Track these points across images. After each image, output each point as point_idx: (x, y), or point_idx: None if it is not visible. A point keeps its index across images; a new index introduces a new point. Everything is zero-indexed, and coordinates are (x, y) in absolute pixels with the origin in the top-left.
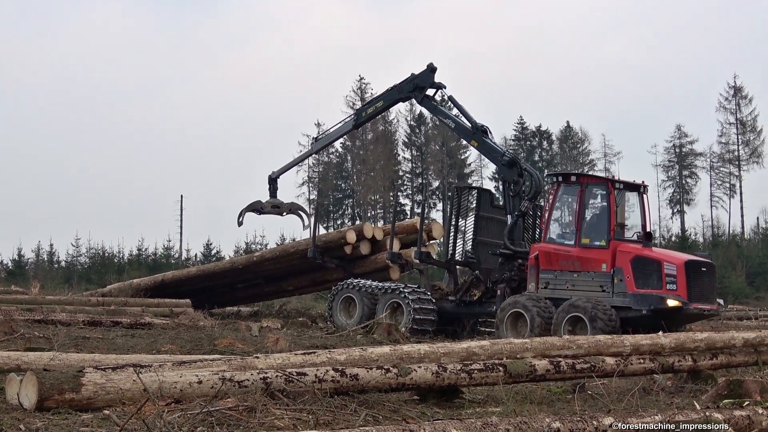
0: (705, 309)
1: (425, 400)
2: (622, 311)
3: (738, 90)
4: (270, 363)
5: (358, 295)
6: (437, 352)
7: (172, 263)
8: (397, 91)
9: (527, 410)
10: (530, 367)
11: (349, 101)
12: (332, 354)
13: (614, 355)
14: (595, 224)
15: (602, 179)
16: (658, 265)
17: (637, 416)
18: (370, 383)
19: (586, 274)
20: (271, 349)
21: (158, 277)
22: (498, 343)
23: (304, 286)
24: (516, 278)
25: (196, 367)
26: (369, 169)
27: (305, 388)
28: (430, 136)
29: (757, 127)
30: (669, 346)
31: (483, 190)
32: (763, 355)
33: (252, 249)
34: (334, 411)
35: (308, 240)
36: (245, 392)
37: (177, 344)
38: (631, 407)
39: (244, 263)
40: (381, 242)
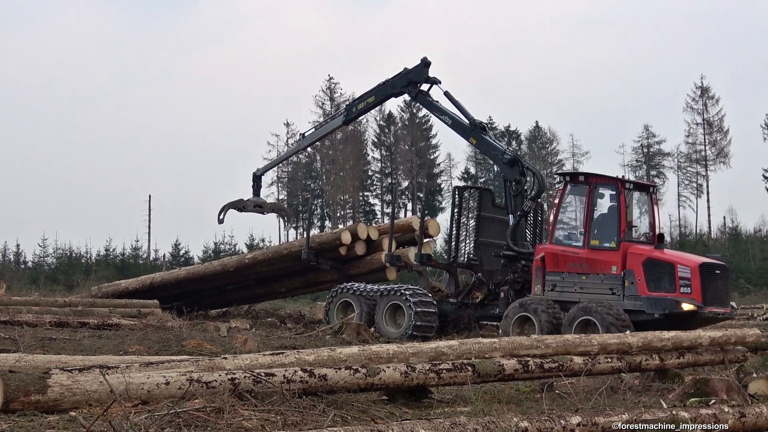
0: (719, 312)
1: (394, 400)
2: (634, 315)
3: (705, 91)
4: (238, 364)
5: (356, 299)
6: (406, 352)
7: (140, 264)
8: (389, 86)
9: (495, 410)
10: (499, 367)
11: (318, 101)
12: (301, 354)
13: (582, 354)
14: (605, 225)
15: (612, 179)
16: (671, 267)
17: (605, 415)
18: (339, 383)
19: (595, 277)
20: (239, 349)
21: (146, 280)
22: (466, 343)
23: (297, 287)
24: (519, 280)
25: (164, 368)
26: (338, 169)
27: (273, 388)
28: (400, 136)
29: (723, 127)
30: (636, 345)
31: (484, 189)
32: (729, 354)
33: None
34: (303, 411)
35: (302, 241)
36: (213, 393)
37: (145, 345)
38: (598, 406)
39: (235, 265)
40: (376, 242)
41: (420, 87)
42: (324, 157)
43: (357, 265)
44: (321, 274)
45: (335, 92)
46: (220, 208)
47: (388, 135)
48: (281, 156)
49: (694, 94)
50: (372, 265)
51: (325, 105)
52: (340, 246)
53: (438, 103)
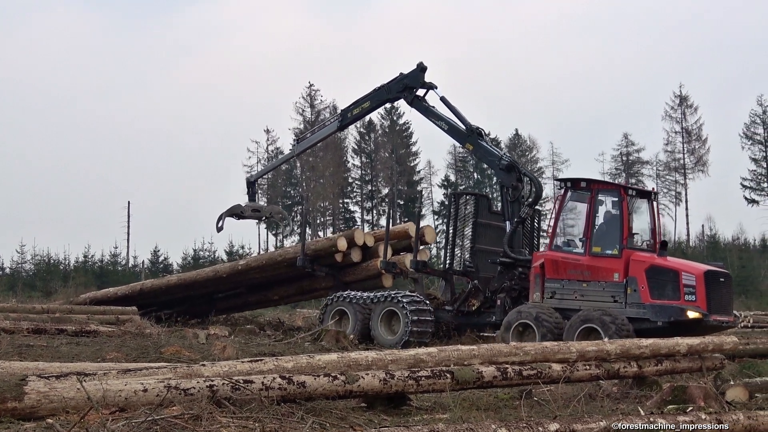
0: (724, 321)
1: (373, 407)
2: (637, 323)
3: (684, 99)
4: (216, 371)
5: (351, 308)
6: (385, 360)
7: (118, 270)
8: (385, 92)
9: (474, 417)
10: (477, 374)
11: (299, 108)
12: (279, 361)
13: (561, 361)
14: (607, 232)
15: (614, 185)
16: (675, 275)
17: (583, 422)
18: (318, 390)
19: (597, 284)
20: (218, 356)
21: (136, 286)
22: (446, 350)
23: (290, 295)
24: (516, 287)
25: (142, 375)
26: (318, 176)
27: (252, 395)
28: (380, 143)
29: (702, 135)
30: (614, 352)
31: (480, 195)
32: (706, 362)
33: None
34: (281, 419)
35: (296, 248)
36: (191, 400)
37: (123, 352)
38: (576, 413)
39: (228, 271)
40: (372, 249)
41: (416, 92)
42: (304, 164)
43: (352, 272)
44: (315, 281)
45: (315, 99)
46: (218, 217)
47: (369, 142)
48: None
49: (673, 102)
50: (368, 272)
51: (306, 112)
52: (335, 252)
53: (434, 108)
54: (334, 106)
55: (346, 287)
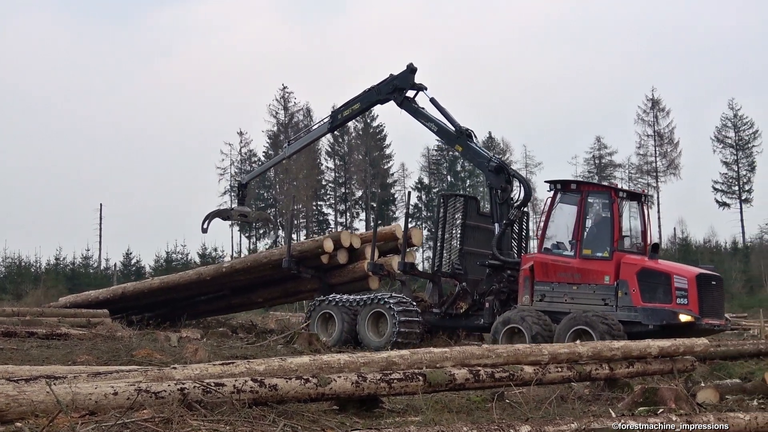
0: (715, 324)
1: (345, 409)
2: (628, 326)
3: (656, 103)
4: (188, 374)
5: (338, 311)
6: (357, 362)
7: (90, 273)
8: (375, 93)
9: (446, 419)
10: (450, 377)
11: (272, 110)
12: (251, 364)
13: (533, 363)
14: (597, 234)
15: (605, 187)
16: (666, 278)
17: (554, 424)
18: (290, 393)
19: (587, 287)
20: (189, 359)
21: (118, 289)
22: (418, 353)
23: (275, 297)
24: (505, 290)
25: (112, 378)
26: (292, 179)
27: (223, 398)
28: (353, 145)
29: (674, 139)
30: (586, 354)
31: (469, 197)
32: (678, 364)
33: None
34: (252, 422)
35: (282, 249)
36: (162, 403)
37: (94, 355)
38: (548, 415)
39: (212, 274)
40: (358, 251)
41: (405, 93)
42: (277, 167)
43: (339, 274)
44: (301, 283)
45: (289, 102)
46: (204, 217)
47: (342, 144)
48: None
49: (645, 106)
50: (354, 274)
51: (279, 114)
52: (322, 254)
53: (424, 109)
54: (307, 109)
55: (331, 289)
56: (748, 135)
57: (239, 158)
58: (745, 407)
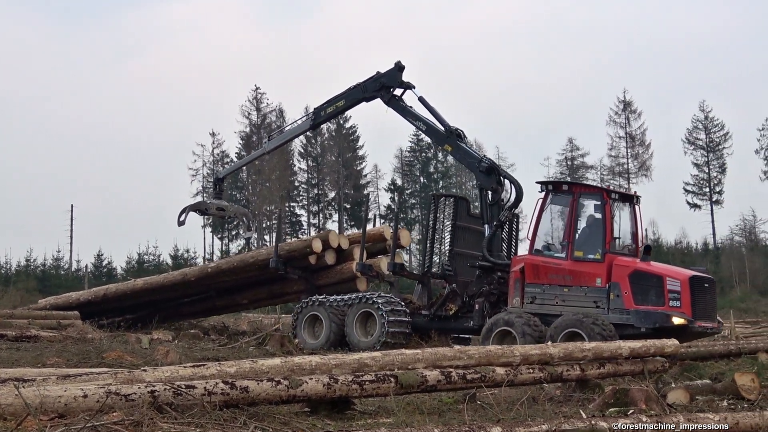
0: (708, 327)
1: (316, 411)
2: (620, 328)
3: (627, 104)
4: (158, 376)
5: (325, 312)
6: (329, 364)
7: (61, 275)
8: (360, 90)
9: (417, 421)
10: (421, 378)
11: (245, 111)
12: (222, 366)
13: (504, 365)
14: (589, 236)
15: (597, 189)
16: (659, 280)
17: (525, 425)
18: (261, 395)
19: (578, 289)
20: (160, 361)
21: (99, 291)
22: (390, 354)
23: (260, 299)
24: (495, 292)
25: (82, 380)
26: (264, 180)
27: (194, 401)
28: (326, 146)
29: (645, 141)
30: (558, 355)
31: (460, 198)
32: (648, 364)
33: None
34: (223, 424)
35: (269, 249)
36: (132, 406)
37: (64, 357)
38: (519, 416)
39: (197, 275)
40: (346, 251)
41: (393, 92)
42: (250, 167)
43: (326, 275)
44: (287, 284)
45: (262, 102)
46: (181, 210)
47: (315, 146)
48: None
49: (617, 107)
50: (342, 274)
51: (252, 115)
52: (310, 254)
53: (412, 108)
54: (280, 110)
55: (318, 291)
56: (719, 137)
57: (211, 159)
58: (715, 408)
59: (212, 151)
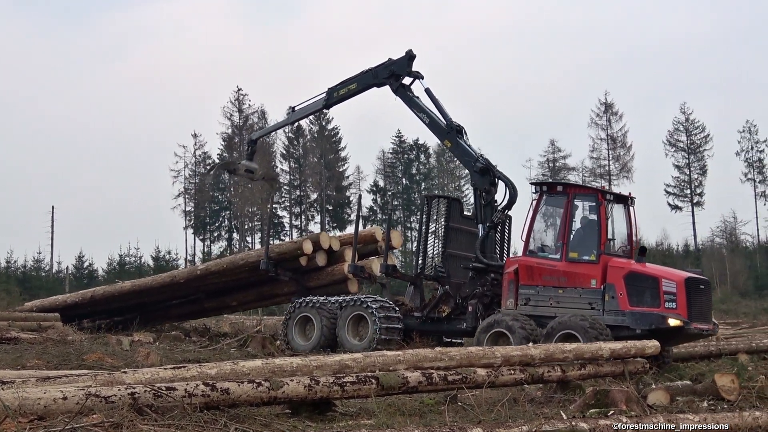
0: (704, 329)
1: (298, 413)
2: (615, 330)
3: (609, 107)
4: (138, 378)
5: (316, 314)
6: (310, 366)
7: (42, 276)
8: (372, 76)
9: (398, 422)
10: (402, 380)
11: (227, 112)
12: (203, 368)
13: (485, 366)
14: (584, 237)
15: (592, 190)
16: (654, 281)
17: (506, 426)
18: (242, 397)
19: (573, 290)
20: (141, 363)
21: (87, 293)
22: (371, 356)
23: (250, 300)
24: (489, 294)
25: (62, 382)
26: (246, 181)
27: (174, 402)
28: (309, 148)
29: (627, 142)
30: (539, 357)
31: (453, 199)
32: (629, 366)
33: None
34: (204, 426)
35: (259, 251)
36: (112, 408)
37: (44, 359)
38: (500, 417)
39: (186, 277)
40: (337, 253)
41: (402, 80)
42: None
43: (317, 277)
44: (277, 286)
45: (244, 104)
46: (212, 166)
47: (297, 147)
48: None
49: (599, 110)
50: (333, 276)
51: (234, 117)
52: (301, 256)
53: (418, 99)
54: (262, 111)
55: (308, 292)
56: (700, 139)
57: (193, 160)
58: (695, 409)
59: (194, 152)
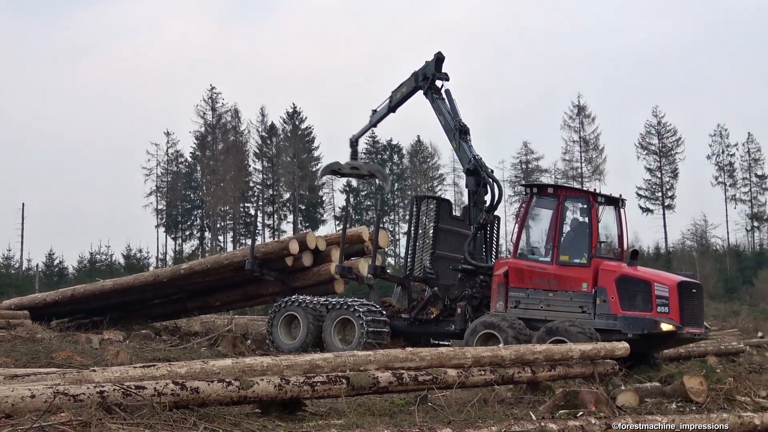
0: (696, 333)
1: (268, 413)
2: (606, 334)
3: (582, 109)
4: (107, 376)
5: (303, 313)
6: (280, 365)
7: (12, 274)
8: (414, 79)
9: (368, 422)
10: (373, 380)
11: (200, 111)
12: (173, 367)
13: (456, 367)
14: (575, 240)
15: (583, 192)
16: (646, 285)
17: (475, 427)
18: (211, 396)
19: (564, 294)
20: (110, 362)
21: (67, 292)
22: (342, 356)
23: (233, 300)
24: (478, 296)
25: (30, 380)
26: (219, 180)
27: (144, 401)
28: (282, 147)
29: (599, 145)
30: (509, 357)
31: (442, 200)
32: (599, 367)
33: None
34: (173, 425)
35: (244, 251)
36: (80, 406)
37: (12, 357)
38: (470, 418)
39: (169, 276)
40: (324, 253)
41: (433, 82)
42: (204, 168)
43: (303, 277)
44: (262, 286)
45: (217, 102)
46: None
47: (270, 146)
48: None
49: (572, 112)
50: (319, 276)
51: (207, 115)
52: (287, 256)
53: (442, 100)
54: (235, 110)
55: (294, 293)
56: (672, 142)
57: (165, 159)
58: (663, 410)
59: (166, 150)
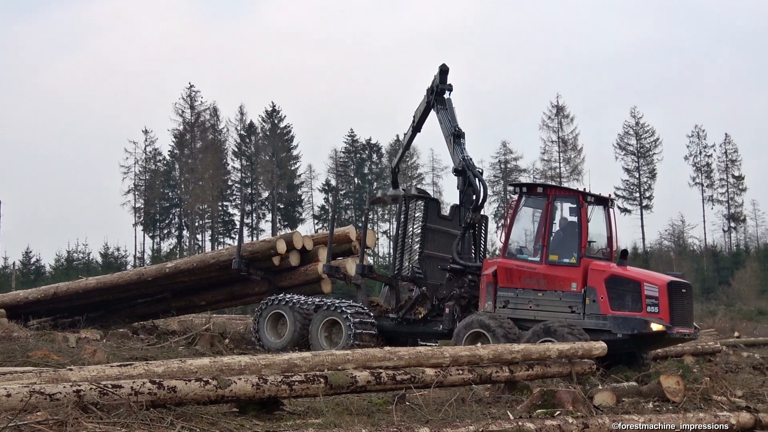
0: (686, 333)
1: (245, 412)
2: (596, 334)
3: (560, 109)
4: (84, 375)
5: (290, 312)
6: (258, 364)
7: None
8: (426, 95)
9: (346, 421)
10: (351, 379)
11: (178, 109)
12: (150, 366)
13: (434, 366)
14: (564, 239)
15: (572, 191)
16: (636, 285)
17: (453, 426)
18: (189, 395)
19: (553, 294)
20: (87, 360)
21: (49, 290)
22: (320, 355)
23: (219, 300)
24: (466, 295)
25: (5, 379)
26: (197, 178)
27: (120, 400)
28: (261, 146)
29: (577, 145)
30: (487, 357)
31: (431, 199)
32: (576, 367)
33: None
34: (150, 424)
35: (231, 250)
36: (57, 405)
37: None
38: (448, 417)
39: (154, 275)
40: (311, 253)
41: (441, 94)
42: (183, 166)
43: (290, 277)
44: (248, 285)
45: (196, 100)
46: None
47: (249, 145)
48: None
49: (550, 112)
50: (306, 276)
51: (185, 113)
52: (274, 255)
53: (446, 110)
54: (214, 108)
55: (281, 292)
56: (649, 143)
57: (144, 157)
58: (640, 410)
59: (144, 148)
